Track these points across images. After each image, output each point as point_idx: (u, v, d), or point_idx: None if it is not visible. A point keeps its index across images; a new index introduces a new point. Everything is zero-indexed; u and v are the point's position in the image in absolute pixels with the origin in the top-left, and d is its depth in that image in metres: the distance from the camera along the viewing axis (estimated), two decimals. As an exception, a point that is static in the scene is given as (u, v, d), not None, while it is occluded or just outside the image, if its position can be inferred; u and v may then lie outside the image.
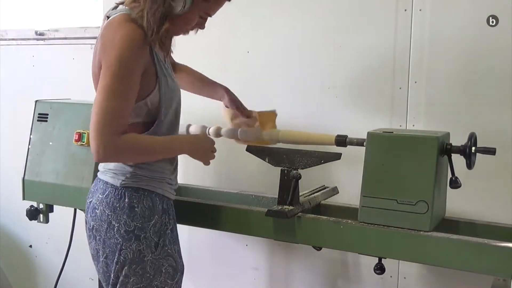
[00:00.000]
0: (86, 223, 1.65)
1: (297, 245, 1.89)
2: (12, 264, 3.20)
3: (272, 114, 1.94)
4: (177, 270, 1.61)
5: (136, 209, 1.53)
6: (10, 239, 3.16)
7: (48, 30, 2.91)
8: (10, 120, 3.04)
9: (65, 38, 2.85)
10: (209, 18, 1.62)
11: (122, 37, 1.43)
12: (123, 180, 1.55)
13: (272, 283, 2.43)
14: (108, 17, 1.54)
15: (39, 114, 2.16)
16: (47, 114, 2.14)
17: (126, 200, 1.53)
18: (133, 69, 1.44)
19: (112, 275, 1.56)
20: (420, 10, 2.00)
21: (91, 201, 1.62)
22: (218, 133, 1.95)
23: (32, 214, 2.17)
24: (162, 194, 1.60)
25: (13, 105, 3.02)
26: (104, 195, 1.56)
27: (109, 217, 1.53)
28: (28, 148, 2.16)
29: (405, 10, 2.03)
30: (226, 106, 1.92)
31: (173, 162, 1.67)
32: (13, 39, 3.02)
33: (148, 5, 1.45)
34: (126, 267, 1.53)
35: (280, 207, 1.68)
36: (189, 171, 2.49)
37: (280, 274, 2.41)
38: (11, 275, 3.22)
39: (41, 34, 2.91)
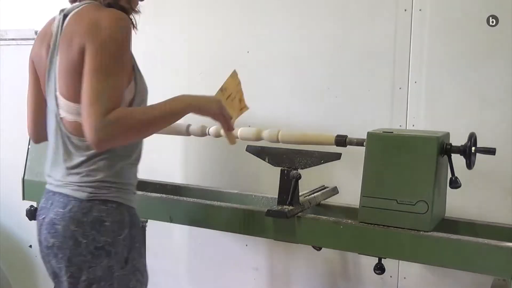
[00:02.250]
0: (40, 242, 1.53)
1: (297, 245, 1.89)
2: (12, 264, 3.20)
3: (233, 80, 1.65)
4: (143, 283, 1.54)
5: (105, 223, 1.42)
6: (10, 239, 3.16)
7: (48, 30, 2.90)
8: (10, 120, 3.04)
9: (65, 38, 2.84)
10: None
11: (111, 17, 1.34)
12: (90, 193, 1.42)
13: (272, 283, 2.43)
14: (65, 15, 1.43)
15: (39, 114, 2.15)
16: (47, 114, 2.13)
17: (94, 214, 1.41)
18: (126, 49, 1.36)
19: None
20: (420, 10, 2.00)
21: (44, 217, 1.49)
22: (218, 133, 1.94)
23: (32, 214, 2.16)
24: (129, 205, 1.49)
25: (13, 105, 3.01)
26: (67, 209, 1.42)
27: (75, 233, 1.40)
28: (28, 148, 2.16)
29: (405, 10, 2.03)
30: None
31: (137, 170, 1.55)
32: (13, 39, 3.01)
33: None
34: (94, 285, 1.43)
35: (280, 207, 1.68)
36: (189, 171, 2.49)
37: (280, 274, 2.41)
38: (11, 275, 3.21)
39: (41, 34, 2.91)
